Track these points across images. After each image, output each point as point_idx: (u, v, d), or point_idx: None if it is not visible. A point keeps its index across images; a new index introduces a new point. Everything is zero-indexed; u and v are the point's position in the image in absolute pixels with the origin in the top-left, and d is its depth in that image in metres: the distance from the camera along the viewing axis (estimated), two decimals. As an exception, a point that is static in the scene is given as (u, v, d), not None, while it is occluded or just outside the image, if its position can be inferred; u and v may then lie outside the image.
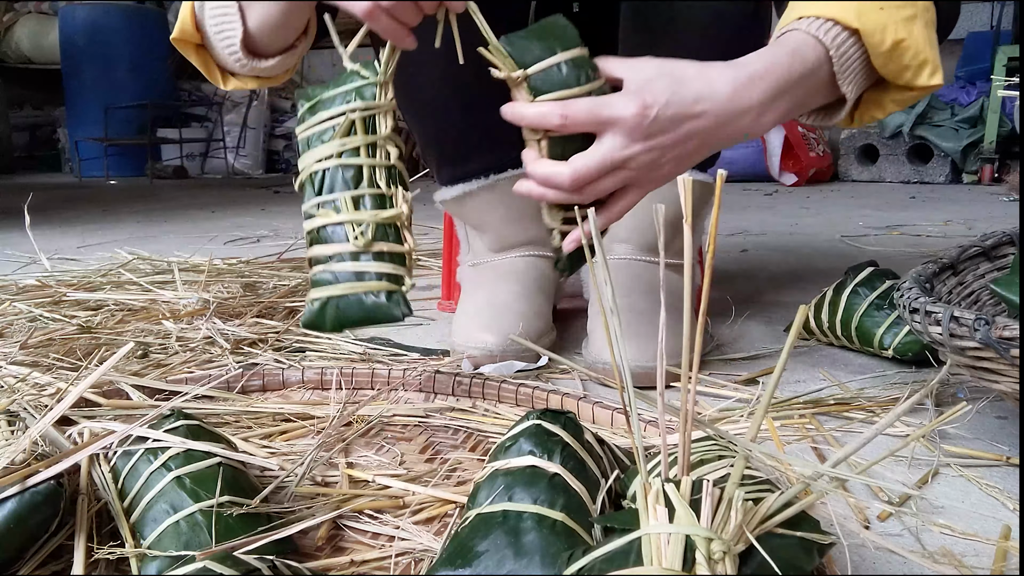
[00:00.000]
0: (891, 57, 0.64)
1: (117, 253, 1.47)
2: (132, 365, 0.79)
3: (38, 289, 1.12)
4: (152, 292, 1.10)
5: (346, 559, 0.46)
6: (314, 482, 0.56)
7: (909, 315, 0.60)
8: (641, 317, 0.82)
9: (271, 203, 2.82)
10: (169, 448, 0.47)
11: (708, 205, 0.93)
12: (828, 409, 0.70)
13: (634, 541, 0.32)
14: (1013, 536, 0.50)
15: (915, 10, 0.64)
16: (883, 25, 0.62)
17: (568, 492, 0.43)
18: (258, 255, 1.51)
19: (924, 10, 0.65)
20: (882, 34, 0.63)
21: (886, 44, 0.63)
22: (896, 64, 0.64)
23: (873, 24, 0.62)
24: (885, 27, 0.62)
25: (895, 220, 2.08)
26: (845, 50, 0.63)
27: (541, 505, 0.42)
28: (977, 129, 3.09)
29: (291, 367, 0.78)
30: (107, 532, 0.46)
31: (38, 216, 2.20)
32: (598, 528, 0.41)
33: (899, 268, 0.94)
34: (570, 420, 0.49)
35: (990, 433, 0.65)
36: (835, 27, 0.63)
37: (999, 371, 0.55)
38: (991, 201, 2.55)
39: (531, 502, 0.42)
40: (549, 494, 0.42)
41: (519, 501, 0.42)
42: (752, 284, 1.27)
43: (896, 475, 0.59)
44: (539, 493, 0.42)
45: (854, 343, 0.88)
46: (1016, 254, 0.74)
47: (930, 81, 0.65)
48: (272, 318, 1.00)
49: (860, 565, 0.47)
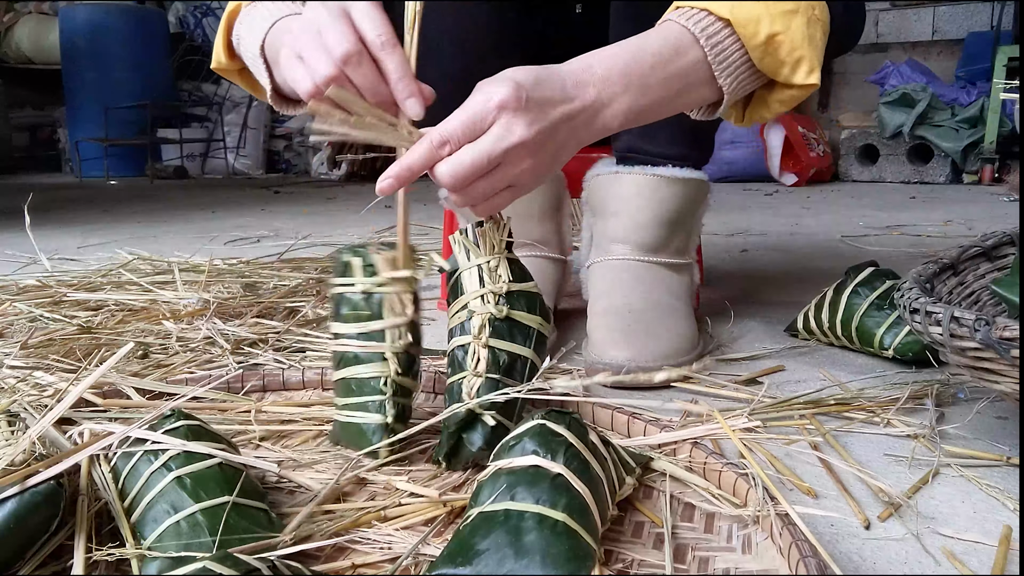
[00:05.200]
0: (766, 51, 0.64)
1: (117, 253, 1.47)
2: (132, 365, 0.79)
3: (38, 289, 1.12)
4: (152, 292, 1.10)
5: (347, 562, 0.46)
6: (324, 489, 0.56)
7: (909, 315, 0.60)
8: (640, 317, 0.82)
9: (271, 203, 2.82)
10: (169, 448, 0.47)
11: (703, 203, 0.93)
12: (828, 409, 0.70)
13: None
14: (1013, 536, 0.50)
15: (798, 5, 0.63)
16: (757, 17, 0.62)
17: (571, 492, 0.43)
18: (258, 255, 1.51)
19: (809, 8, 0.64)
20: (756, 26, 0.62)
21: (760, 36, 0.63)
22: (772, 58, 0.64)
23: (746, 16, 0.62)
24: (759, 19, 0.62)
25: (895, 220, 2.08)
26: (718, 40, 0.63)
27: (543, 505, 0.42)
28: (977, 129, 3.09)
29: (291, 367, 0.78)
30: (107, 532, 0.46)
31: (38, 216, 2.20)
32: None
33: (899, 268, 0.94)
34: (575, 420, 0.49)
35: (990, 433, 0.65)
36: (707, 17, 0.63)
37: (999, 371, 0.55)
38: (991, 201, 2.55)
39: (533, 502, 0.42)
40: (551, 494, 0.42)
41: (521, 501, 0.42)
42: (752, 284, 1.27)
43: (897, 475, 0.59)
44: (541, 493, 0.42)
45: (854, 343, 0.88)
46: (1016, 254, 0.74)
47: (807, 80, 0.65)
48: (272, 318, 1.00)
49: (860, 565, 0.47)
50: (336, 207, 2.65)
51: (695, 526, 0.50)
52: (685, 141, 0.90)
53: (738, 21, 0.62)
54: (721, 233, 1.86)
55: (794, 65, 0.64)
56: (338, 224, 2.12)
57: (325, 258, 1.49)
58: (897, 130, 3.26)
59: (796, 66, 0.64)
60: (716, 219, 2.08)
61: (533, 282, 0.60)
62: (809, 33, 0.64)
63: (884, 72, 3.38)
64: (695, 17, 0.63)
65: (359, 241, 0.61)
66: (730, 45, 0.63)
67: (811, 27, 0.64)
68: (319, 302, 1.11)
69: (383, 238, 1.73)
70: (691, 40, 0.63)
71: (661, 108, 0.64)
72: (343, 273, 0.61)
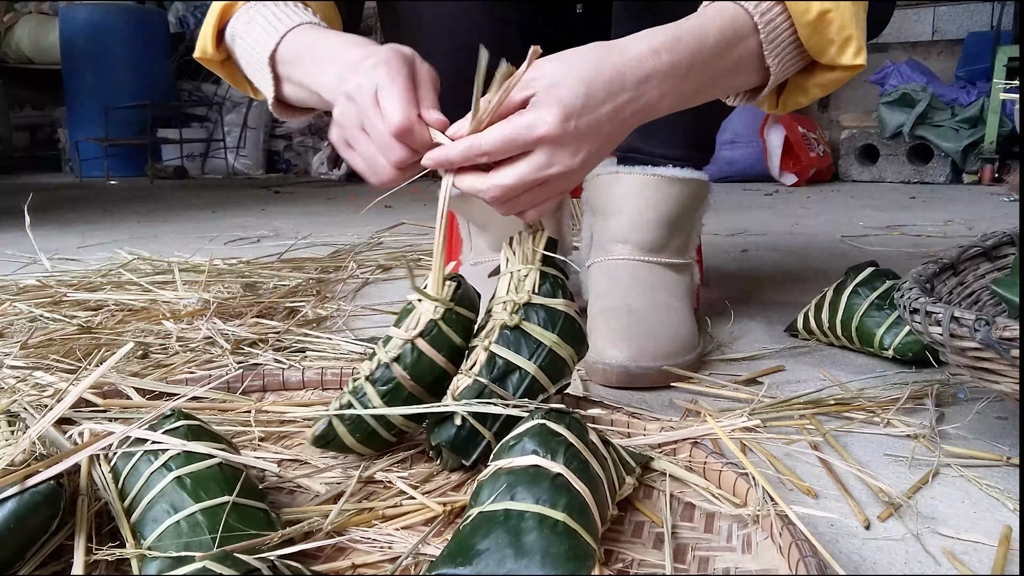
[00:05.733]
0: (816, 28, 0.62)
1: (117, 253, 1.47)
2: (132, 365, 0.79)
3: (38, 289, 1.12)
4: (152, 292, 1.10)
5: (347, 562, 0.46)
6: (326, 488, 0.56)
7: (909, 315, 0.60)
8: (640, 317, 0.82)
9: (271, 203, 2.82)
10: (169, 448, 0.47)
11: (703, 203, 0.93)
12: (828, 409, 0.70)
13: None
14: (1013, 537, 0.50)
15: None
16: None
17: (571, 492, 0.43)
18: (258, 255, 1.51)
19: None
20: (807, 3, 0.61)
21: (811, 13, 0.61)
22: (821, 36, 0.63)
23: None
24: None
25: (895, 220, 2.08)
26: (771, 18, 0.61)
27: (543, 505, 0.41)
28: (977, 129, 3.08)
29: (291, 367, 0.78)
30: (107, 532, 0.46)
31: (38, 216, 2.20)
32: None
33: (899, 268, 0.94)
34: (575, 420, 0.49)
35: (990, 433, 0.65)
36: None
37: (999, 371, 0.55)
38: (991, 201, 2.55)
39: (533, 502, 0.42)
40: (551, 494, 0.42)
41: (521, 501, 0.42)
42: (752, 284, 1.27)
43: (897, 475, 0.59)
44: (541, 493, 0.42)
45: (854, 343, 0.88)
46: (1016, 254, 0.74)
47: (854, 60, 0.63)
48: (272, 318, 1.00)
49: (860, 565, 0.47)
50: (336, 207, 2.65)
51: (695, 526, 0.50)
52: (686, 141, 0.90)
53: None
54: (721, 233, 1.86)
55: (842, 44, 0.63)
56: (338, 224, 2.12)
57: (325, 258, 1.49)
58: (897, 130, 3.26)
59: (844, 45, 0.63)
60: (716, 219, 2.08)
61: (565, 300, 0.58)
62: (855, 11, 0.63)
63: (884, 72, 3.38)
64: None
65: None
66: (781, 23, 0.62)
67: (857, 7, 0.63)
68: (319, 302, 1.11)
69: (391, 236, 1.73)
70: (751, 26, 0.61)
71: (707, 94, 0.62)
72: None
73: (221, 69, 0.80)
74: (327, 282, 1.28)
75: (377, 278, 1.36)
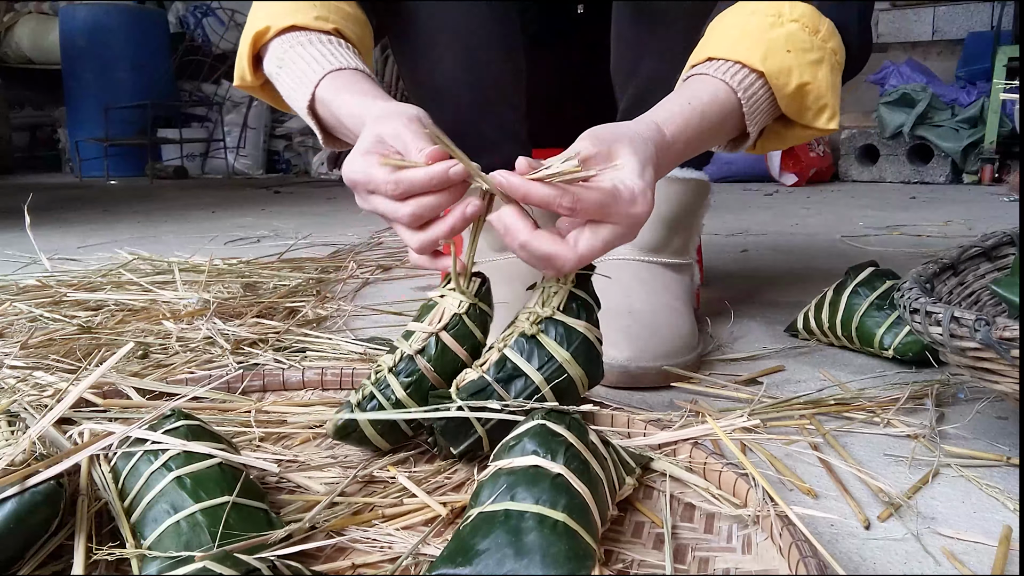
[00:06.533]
0: (794, 99, 0.67)
1: (117, 253, 1.47)
2: (132, 365, 0.79)
3: (38, 289, 1.12)
4: (152, 292, 1.10)
5: (347, 562, 0.46)
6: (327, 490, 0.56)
7: (909, 315, 0.60)
8: (640, 317, 0.82)
9: (271, 203, 2.82)
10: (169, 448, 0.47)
11: (703, 203, 0.93)
12: (828, 409, 0.70)
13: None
14: (1013, 537, 0.50)
15: (823, 53, 0.67)
16: (788, 68, 0.65)
17: (571, 493, 0.43)
18: (258, 255, 1.51)
19: (832, 53, 0.68)
20: (787, 77, 0.66)
21: (791, 87, 0.66)
22: (799, 105, 0.68)
23: (778, 67, 0.65)
24: (791, 70, 0.66)
25: (895, 220, 2.08)
26: (753, 92, 0.66)
27: (543, 505, 0.41)
28: (977, 129, 3.08)
29: (291, 367, 0.78)
30: (107, 532, 0.46)
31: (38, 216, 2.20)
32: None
33: (899, 268, 0.94)
34: (575, 420, 0.49)
35: (990, 433, 0.65)
36: (742, 70, 0.65)
37: (999, 371, 0.55)
38: (991, 201, 2.55)
39: (533, 502, 0.42)
40: (551, 494, 0.42)
41: (521, 501, 0.42)
42: (752, 284, 1.27)
43: (897, 475, 0.59)
44: (541, 493, 0.42)
45: (854, 343, 0.88)
46: (1016, 254, 0.74)
47: (827, 125, 0.69)
48: (272, 318, 1.00)
49: (860, 565, 0.47)
50: (336, 207, 2.65)
51: (695, 526, 0.50)
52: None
53: (771, 73, 0.65)
54: (721, 233, 1.86)
55: (817, 111, 0.68)
56: (338, 224, 2.12)
57: (325, 258, 1.49)
58: (897, 130, 3.26)
59: (819, 112, 0.68)
60: (716, 219, 2.08)
61: (587, 324, 0.58)
62: (832, 81, 0.67)
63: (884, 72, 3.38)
64: (738, 76, 0.65)
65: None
66: (763, 96, 0.66)
67: (834, 74, 0.68)
68: (319, 302, 1.11)
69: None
70: (736, 101, 0.65)
71: (699, 151, 0.67)
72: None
73: (262, 93, 0.81)
74: (327, 282, 1.28)
75: (377, 278, 1.37)
